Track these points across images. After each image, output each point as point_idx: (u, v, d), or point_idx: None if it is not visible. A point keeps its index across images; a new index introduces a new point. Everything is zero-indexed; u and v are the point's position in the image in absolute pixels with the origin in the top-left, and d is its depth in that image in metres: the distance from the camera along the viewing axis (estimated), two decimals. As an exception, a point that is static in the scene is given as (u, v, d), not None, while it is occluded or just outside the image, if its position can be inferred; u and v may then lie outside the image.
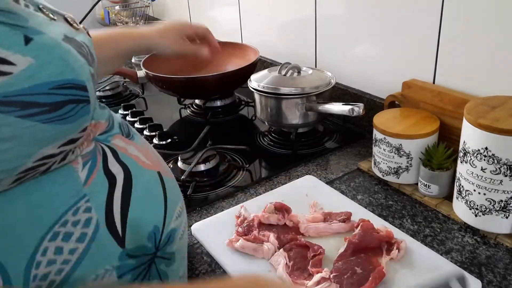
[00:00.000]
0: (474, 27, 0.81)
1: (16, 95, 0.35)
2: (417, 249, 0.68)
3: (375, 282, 0.60)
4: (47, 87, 0.37)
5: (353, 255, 0.65)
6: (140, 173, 0.49)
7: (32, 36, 0.37)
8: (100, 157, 0.46)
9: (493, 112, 0.67)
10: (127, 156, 0.49)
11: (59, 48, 0.39)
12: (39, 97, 0.36)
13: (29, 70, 0.36)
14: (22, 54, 0.36)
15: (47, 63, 0.37)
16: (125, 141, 0.50)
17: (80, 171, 0.43)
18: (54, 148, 0.39)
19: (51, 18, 0.43)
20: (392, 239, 0.67)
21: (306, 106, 1.00)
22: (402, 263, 0.65)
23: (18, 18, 0.38)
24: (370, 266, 0.63)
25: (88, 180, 0.43)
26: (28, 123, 0.36)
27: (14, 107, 0.35)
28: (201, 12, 1.75)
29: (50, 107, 0.37)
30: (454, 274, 0.53)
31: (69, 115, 0.39)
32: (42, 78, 0.37)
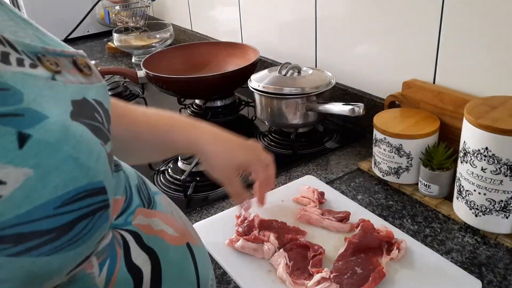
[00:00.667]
0: (474, 27, 0.81)
1: (7, 226, 0.25)
2: (417, 249, 0.68)
3: (375, 282, 0.60)
4: (51, 207, 0.26)
5: (353, 255, 0.65)
6: (168, 254, 0.39)
7: (28, 130, 0.26)
8: (121, 251, 0.35)
9: (493, 112, 0.67)
10: (152, 237, 0.38)
11: (68, 139, 0.28)
12: (40, 223, 0.26)
13: (26, 188, 0.25)
14: (14, 165, 0.25)
15: (52, 170, 0.26)
16: (148, 214, 0.40)
17: (97, 276, 0.32)
18: (62, 278, 0.29)
19: (54, 71, 0.31)
20: (392, 239, 0.68)
21: (306, 106, 1.00)
22: (403, 263, 0.65)
23: (9, 99, 0.26)
24: (370, 266, 0.63)
25: (109, 285, 0.33)
26: (25, 261, 0.26)
27: (4, 245, 0.25)
28: (201, 12, 1.75)
29: (56, 233, 0.27)
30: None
31: (82, 234, 0.28)
32: (44, 195, 0.26)
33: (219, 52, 1.39)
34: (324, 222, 0.73)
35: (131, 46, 1.68)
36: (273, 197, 0.82)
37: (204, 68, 1.37)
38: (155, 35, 1.70)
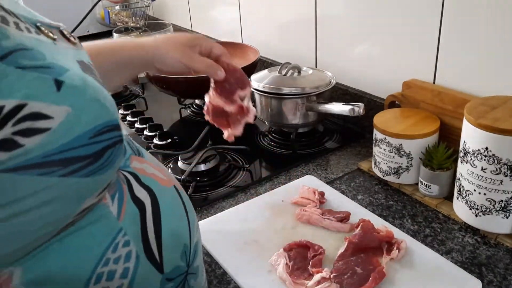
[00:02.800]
0: (474, 27, 0.81)
1: (57, 152, 0.31)
2: (417, 249, 0.68)
3: (376, 282, 0.60)
4: (87, 137, 0.33)
5: (353, 255, 0.65)
6: (162, 192, 0.46)
7: (62, 78, 0.32)
8: (125, 186, 0.42)
9: (493, 112, 0.67)
10: (147, 177, 0.46)
11: (89, 86, 0.34)
12: (80, 150, 0.32)
13: (68, 122, 0.31)
14: (57, 104, 0.31)
15: (84, 108, 0.33)
16: (140, 161, 0.47)
17: (111, 206, 0.40)
18: (94, 198, 0.36)
19: (52, 38, 0.37)
20: (392, 239, 0.68)
21: (306, 106, 1.00)
22: (403, 263, 0.65)
23: (37, 56, 0.32)
24: (370, 266, 0.63)
25: (121, 214, 0.40)
26: (71, 181, 0.32)
27: (55, 167, 0.31)
28: (201, 12, 1.75)
29: (92, 159, 0.34)
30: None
31: (108, 161, 0.36)
32: (81, 127, 0.33)
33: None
34: (324, 222, 0.73)
35: (131, 46, 1.68)
36: (273, 198, 0.82)
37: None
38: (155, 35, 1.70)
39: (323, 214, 0.75)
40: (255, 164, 0.99)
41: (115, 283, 0.39)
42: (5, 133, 0.29)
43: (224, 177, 0.93)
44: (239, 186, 0.90)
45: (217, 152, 0.97)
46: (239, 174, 0.94)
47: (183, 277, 0.47)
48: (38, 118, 0.30)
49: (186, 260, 0.47)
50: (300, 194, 0.82)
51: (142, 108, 1.34)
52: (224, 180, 0.92)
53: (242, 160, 0.99)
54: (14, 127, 0.29)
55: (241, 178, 0.93)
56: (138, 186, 0.44)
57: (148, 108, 1.37)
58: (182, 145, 1.05)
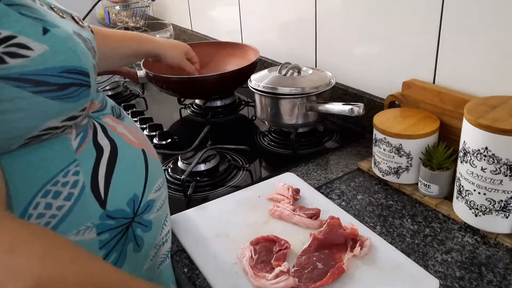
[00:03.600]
0: (474, 27, 0.81)
1: (30, 74, 0.42)
2: (383, 247, 0.69)
3: (333, 277, 0.61)
4: (57, 71, 0.44)
5: (317, 251, 0.67)
6: (126, 149, 0.55)
7: (49, 28, 0.44)
8: (91, 131, 0.52)
9: (493, 112, 0.67)
10: (115, 133, 0.55)
11: (71, 40, 0.46)
12: (49, 77, 0.43)
13: (44, 56, 0.43)
14: (39, 42, 0.43)
15: (59, 51, 0.44)
16: (114, 120, 0.57)
17: (73, 140, 0.50)
18: (58, 122, 0.46)
19: (61, 16, 0.51)
20: (357, 236, 0.68)
21: (306, 106, 1.00)
22: (365, 260, 0.66)
23: (37, 13, 0.45)
24: (332, 262, 0.65)
25: (79, 149, 0.50)
26: (39, 98, 0.43)
27: (28, 84, 0.42)
28: (201, 12, 1.75)
29: (57, 87, 0.44)
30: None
31: (72, 95, 0.46)
32: (53, 63, 0.44)
33: (219, 52, 1.39)
34: (295, 218, 0.75)
35: (131, 46, 1.68)
36: (251, 193, 0.84)
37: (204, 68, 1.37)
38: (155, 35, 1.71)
39: (294, 210, 0.76)
40: (255, 164, 0.99)
41: (58, 202, 0.48)
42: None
43: (224, 177, 0.93)
44: (239, 186, 0.90)
45: (217, 152, 0.97)
46: (239, 174, 0.94)
47: (128, 221, 0.55)
48: (22, 47, 0.42)
49: (133, 208, 0.55)
50: (275, 191, 0.83)
51: (142, 108, 1.34)
52: (224, 180, 0.92)
53: (242, 160, 0.99)
54: (4, 49, 0.41)
55: (241, 178, 0.93)
56: (102, 135, 0.53)
57: (148, 108, 1.37)
58: (182, 145, 1.05)
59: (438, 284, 0.62)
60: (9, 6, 0.42)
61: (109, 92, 1.44)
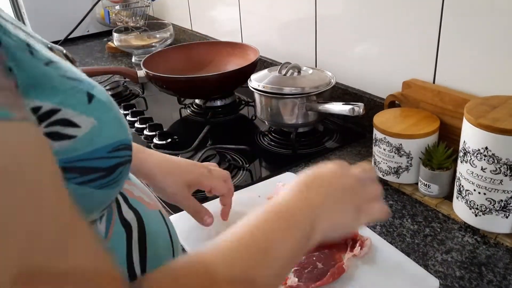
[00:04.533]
0: (474, 27, 0.81)
1: (78, 160, 0.33)
2: (382, 247, 0.69)
3: (333, 277, 0.62)
4: (105, 151, 0.35)
5: (317, 250, 0.67)
6: (148, 215, 0.47)
7: (92, 91, 0.35)
8: (115, 206, 0.43)
9: (493, 112, 0.67)
10: (134, 200, 0.46)
11: (113, 104, 0.37)
12: (98, 161, 0.34)
13: (92, 133, 0.33)
14: (86, 115, 0.33)
15: (106, 123, 0.35)
16: (128, 183, 0.48)
17: (99, 224, 0.40)
18: (99, 213, 0.37)
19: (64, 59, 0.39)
20: (357, 236, 0.69)
21: (306, 106, 1.00)
22: (365, 260, 0.66)
23: (68, 69, 0.34)
24: (332, 261, 0.65)
25: (108, 233, 0.41)
26: (85, 190, 0.34)
27: (74, 174, 0.33)
28: (201, 12, 1.75)
29: (106, 172, 0.35)
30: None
31: (118, 178, 0.37)
32: (102, 141, 0.35)
33: (219, 52, 1.39)
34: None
35: (131, 46, 1.68)
36: (251, 192, 0.83)
37: (204, 68, 1.37)
38: (155, 35, 1.71)
39: None
40: (255, 164, 0.99)
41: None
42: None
43: (224, 176, 0.93)
44: (239, 186, 0.90)
45: (217, 152, 0.97)
46: (239, 174, 0.94)
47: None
48: (67, 124, 0.32)
49: None
50: (275, 191, 0.83)
51: (142, 107, 1.34)
52: (224, 180, 0.92)
53: (242, 160, 0.99)
54: (46, 128, 0.31)
55: (241, 178, 0.93)
56: (126, 208, 0.44)
57: (148, 108, 1.37)
58: (182, 145, 1.05)
59: (438, 284, 0.62)
60: (48, 66, 0.32)
61: (109, 92, 1.44)
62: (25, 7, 1.88)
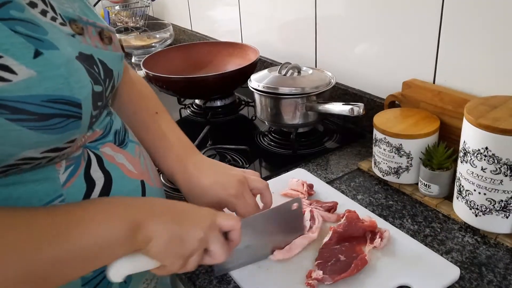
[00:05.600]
0: (474, 27, 0.81)
1: (9, 100, 0.38)
2: (400, 238, 0.70)
3: (357, 269, 0.63)
4: (39, 99, 0.39)
5: (338, 244, 0.68)
6: (122, 181, 0.51)
7: (43, 50, 0.39)
8: (84, 163, 0.48)
9: (493, 112, 0.67)
10: (112, 164, 0.51)
11: (65, 67, 0.41)
12: (29, 106, 0.39)
13: (28, 82, 0.38)
14: (26, 66, 0.38)
15: (48, 78, 0.39)
16: (115, 149, 0.52)
17: (62, 173, 0.46)
18: (37, 153, 0.42)
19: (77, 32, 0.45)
20: (375, 229, 0.70)
21: (306, 106, 1.00)
22: (385, 252, 0.67)
23: (37, 30, 0.40)
24: (353, 254, 0.65)
25: (67, 183, 0.46)
26: (14, 127, 0.38)
27: (5, 111, 0.38)
28: (201, 12, 1.75)
29: (37, 117, 0.39)
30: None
31: (55, 127, 0.41)
32: (37, 90, 0.39)
33: (219, 52, 1.39)
34: (314, 212, 0.75)
35: (131, 46, 1.68)
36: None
37: (204, 68, 1.37)
38: (155, 35, 1.71)
39: (311, 204, 0.77)
40: (255, 164, 0.99)
41: None
42: None
43: (224, 177, 0.93)
44: (239, 186, 0.89)
45: (217, 152, 0.97)
46: (239, 174, 0.94)
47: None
48: (6, 70, 0.37)
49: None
50: (289, 186, 0.84)
51: (142, 108, 1.33)
52: (224, 180, 0.92)
53: (242, 160, 0.99)
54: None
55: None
56: (96, 167, 0.49)
57: (148, 108, 1.36)
58: (182, 145, 1.05)
59: (459, 272, 0.63)
60: (2, 21, 0.37)
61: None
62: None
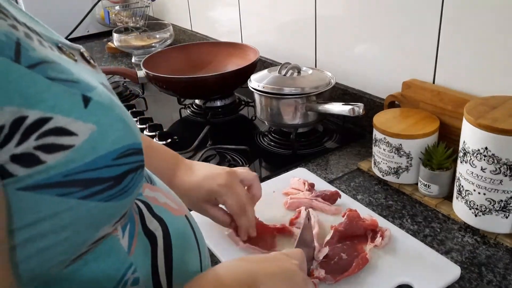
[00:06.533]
0: (474, 26, 0.81)
1: (78, 172, 0.29)
2: (402, 237, 0.70)
3: (359, 267, 0.63)
4: (110, 158, 0.31)
5: (339, 242, 0.68)
6: (174, 223, 0.44)
7: (89, 93, 0.31)
8: (137, 217, 0.40)
9: (493, 112, 0.67)
10: (159, 207, 0.43)
11: (115, 105, 0.33)
12: (102, 171, 0.30)
13: (92, 140, 0.30)
14: (83, 121, 0.29)
15: (108, 127, 0.31)
16: (152, 189, 0.44)
17: (121, 238, 0.37)
18: (111, 227, 0.34)
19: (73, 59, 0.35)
20: (376, 227, 0.70)
21: (306, 106, 1.00)
22: (386, 250, 0.68)
23: (63, 70, 0.30)
24: (355, 252, 0.66)
25: (132, 247, 0.38)
26: (90, 205, 0.30)
27: (76, 187, 0.29)
28: (201, 12, 1.75)
29: (113, 182, 0.31)
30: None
31: (129, 187, 0.33)
32: (105, 147, 0.31)
33: (219, 52, 1.39)
34: (313, 203, 0.77)
35: (131, 46, 1.68)
36: (266, 188, 0.83)
37: (204, 68, 1.37)
38: (155, 35, 1.71)
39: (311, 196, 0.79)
40: (255, 164, 0.99)
41: None
42: (27, 147, 0.27)
43: (224, 177, 0.93)
44: (239, 186, 0.90)
45: (217, 152, 0.97)
46: (239, 174, 0.94)
47: None
48: (62, 133, 0.28)
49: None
50: (291, 185, 0.84)
51: (142, 108, 1.34)
52: (224, 180, 0.92)
53: (242, 160, 0.99)
54: (37, 141, 0.27)
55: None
56: (150, 217, 0.41)
57: (148, 108, 1.37)
58: (182, 145, 1.05)
59: (460, 271, 0.63)
60: (32, 68, 0.28)
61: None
62: (25, 7, 1.88)
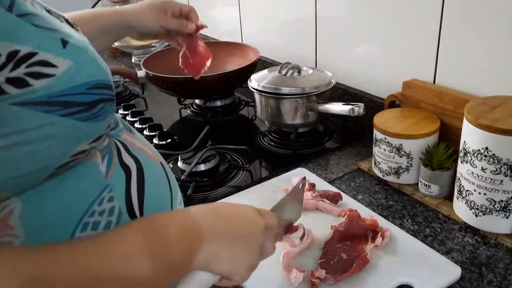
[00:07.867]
0: (474, 27, 0.81)
1: (59, 95, 0.38)
2: (402, 237, 0.70)
3: (359, 267, 0.63)
4: (84, 88, 0.40)
5: (339, 243, 0.68)
6: (148, 164, 0.52)
7: (67, 39, 0.40)
8: (115, 151, 0.49)
9: (493, 112, 0.67)
10: (136, 149, 0.52)
11: (89, 51, 0.42)
12: (78, 97, 0.39)
13: (69, 72, 0.38)
14: (62, 57, 0.38)
15: (83, 65, 0.40)
16: (130, 135, 0.53)
17: (101, 164, 0.46)
18: (87, 145, 0.42)
19: (60, 20, 0.44)
20: (377, 228, 0.70)
21: (306, 106, 1.00)
22: (386, 250, 0.68)
23: (48, 22, 0.40)
24: (355, 252, 0.66)
25: (109, 172, 0.46)
26: (69, 122, 0.39)
27: (57, 107, 0.38)
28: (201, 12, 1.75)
29: (87, 106, 0.40)
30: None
31: (100, 113, 0.42)
32: (80, 79, 0.39)
33: (219, 52, 1.39)
34: (319, 204, 0.77)
35: (131, 46, 1.68)
36: (265, 188, 0.84)
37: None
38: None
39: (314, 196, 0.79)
40: (255, 164, 0.99)
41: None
42: (18, 73, 0.35)
43: (224, 177, 0.93)
44: (239, 186, 0.90)
45: (217, 152, 0.97)
46: (239, 174, 0.94)
47: None
48: (46, 65, 0.37)
49: None
50: (292, 184, 0.84)
51: (142, 108, 1.34)
52: (224, 180, 0.92)
53: (242, 160, 0.99)
54: (26, 69, 0.36)
55: (241, 178, 0.92)
56: (126, 154, 0.50)
57: (148, 108, 1.37)
58: (182, 145, 1.05)
59: (460, 271, 0.63)
60: (21, 17, 0.37)
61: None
62: (25, 7, 1.88)
